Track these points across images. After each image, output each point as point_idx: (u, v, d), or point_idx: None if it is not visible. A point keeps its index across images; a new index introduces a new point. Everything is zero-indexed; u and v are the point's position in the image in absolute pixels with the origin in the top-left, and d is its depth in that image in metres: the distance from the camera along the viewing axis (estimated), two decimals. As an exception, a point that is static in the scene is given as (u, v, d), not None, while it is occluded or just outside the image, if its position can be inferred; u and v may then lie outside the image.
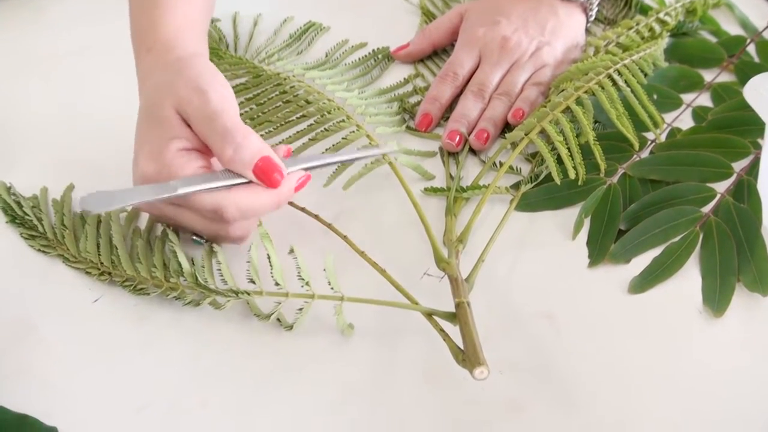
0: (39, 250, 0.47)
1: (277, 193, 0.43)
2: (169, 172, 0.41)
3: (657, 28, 0.66)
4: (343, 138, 0.53)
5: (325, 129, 0.54)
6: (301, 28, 0.70)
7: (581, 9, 0.66)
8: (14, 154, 0.56)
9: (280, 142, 0.55)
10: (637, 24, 0.65)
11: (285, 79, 0.59)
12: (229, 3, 0.73)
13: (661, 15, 0.66)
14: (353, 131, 0.53)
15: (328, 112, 0.54)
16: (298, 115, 0.55)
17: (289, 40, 0.68)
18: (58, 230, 0.48)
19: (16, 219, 0.49)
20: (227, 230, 0.44)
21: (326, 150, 0.53)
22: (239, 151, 0.41)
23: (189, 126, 0.43)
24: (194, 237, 0.46)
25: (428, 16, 0.73)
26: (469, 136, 0.57)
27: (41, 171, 0.54)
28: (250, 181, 0.42)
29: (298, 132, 0.55)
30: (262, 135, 0.53)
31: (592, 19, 0.67)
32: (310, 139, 0.54)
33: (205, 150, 0.44)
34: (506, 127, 0.59)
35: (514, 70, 0.61)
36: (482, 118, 0.59)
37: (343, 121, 0.54)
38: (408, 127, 0.59)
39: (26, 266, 0.47)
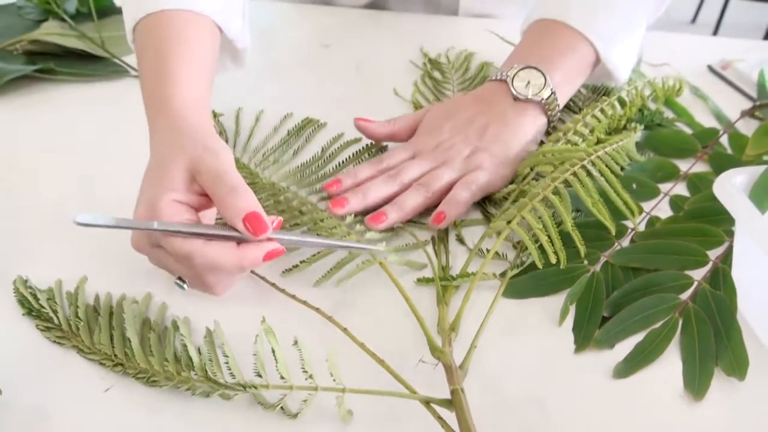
0: (54, 341, 0.50)
1: (243, 255, 0.47)
2: (157, 217, 0.47)
3: (618, 108, 0.69)
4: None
5: (317, 234, 0.57)
6: (298, 124, 0.74)
7: (539, 109, 0.66)
8: (29, 246, 0.58)
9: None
10: (601, 104, 0.68)
11: (279, 190, 0.62)
12: (235, 99, 0.77)
13: (622, 94, 0.70)
14: (344, 236, 0.56)
15: (321, 221, 0.57)
16: (291, 224, 0.58)
17: (287, 137, 0.72)
18: (72, 322, 0.50)
19: (32, 311, 0.51)
20: (202, 279, 0.49)
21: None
22: (238, 199, 0.47)
23: (192, 182, 0.49)
24: (177, 281, 0.50)
25: (419, 108, 0.77)
26: (357, 210, 0.59)
27: (56, 263, 0.56)
28: (223, 238, 0.47)
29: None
30: None
31: (557, 117, 0.67)
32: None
33: (195, 207, 0.49)
34: (488, 212, 0.62)
35: (441, 167, 0.62)
36: (391, 202, 0.59)
37: (335, 228, 0.57)
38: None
39: (42, 356, 0.49)
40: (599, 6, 0.69)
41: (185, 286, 0.50)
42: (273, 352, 0.44)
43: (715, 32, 3.13)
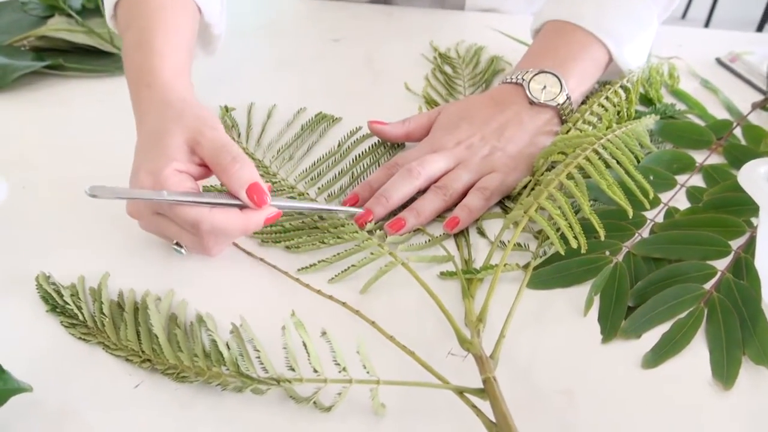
0: (79, 338, 0.49)
1: (247, 220, 0.51)
2: (163, 186, 0.50)
3: (623, 95, 0.69)
4: (356, 245, 0.56)
5: (338, 237, 0.57)
6: (312, 119, 0.73)
7: (554, 112, 0.66)
8: (47, 242, 0.58)
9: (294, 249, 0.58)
10: (607, 92, 0.68)
11: (299, 195, 0.62)
12: (247, 93, 0.77)
13: (624, 81, 0.70)
14: (366, 240, 0.56)
15: (342, 226, 0.57)
16: (311, 227, 0.58)
17: (301, 133, 0.71)
18: (97, 318, 0.50)
19: (56, 308, 0.51)
20: (203, 243, 0.51)
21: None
22: (242, 170, 0.50)
23: (192, 153, 0.52)
24: (175, 246, 0.53)
25: (430, 103, 0.77)
26: (383, 216, 0.58)
27: (75, 259, 0.56)
28: (229, 206, 0.50)
29: (310, 236, 0.58)
30: (276, 241, 0.58)
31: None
32: (321, 242, 0.57)
33: (195, 176, 0.52)
34: (506, 206, 0.62)
35: (459, 168, 0.61)
36: (409, 207, 0.59)
37: (356, 232, 0.57)
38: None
39: (67, 353, 0.48)
40: (610, 5, 0.70)
41: (183, 251, 0.53)
42: (304, 345, 0.44)
43: (706, 27, 3.15)
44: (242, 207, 0.51)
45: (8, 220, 0.59)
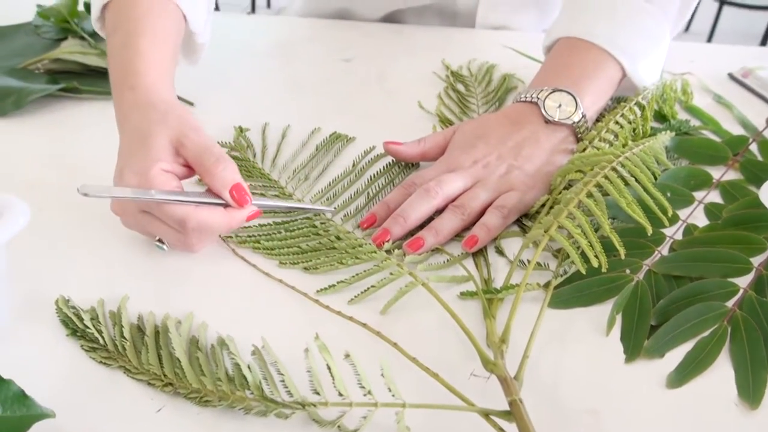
0: (100, 362, 0.49)
1: (231, 217, 0.54)
2: (149, 184, 0.52)
3: (638, 112, 0.69)
4: (375, 265, 0.56)
5: (356, 257, 0.57)
6: (326, 139, 0.73)
7: (570, 131, 0.66)
8: (64, 265, 0.57)
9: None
10: (622, 109, 0.68)
11: (315, 215, 0.62)
12: (260, 114, 0.77)
13: (639, 99, 0.70)
14: (384, 260, 0.56)
15: (360, 246, 0.57)
16: (329, 247, 0.58)
17: (316, 153, 0.71)
18: (118, 342, 0.50)
19: (77, 332, 0.51)
20: (187, 240, 0.54)
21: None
22: (225, 171, 0.53)
23: (176, 154, 0.54)
24: (157, 242, 0.56)
25: (444, 122, 0.77)
26: (401, 236, 0.58)
27: (92, 282, 0.56)
28: (213, 204, 0.54)
29: (328, 257, 0.58)
30: (294, 262, 0.58)
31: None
32: (339, 263, 0.57)
33: (179, 175, 0.55)
34: (524, 224, 0.61)
35: (477, 187, 0.61)
36: (427, 226, 0.59)
37: (375, 252, 0.56)
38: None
39: (88, 378, 0.48)
40: (623, 22, 0.70)
41: (165, 247, 0.56)
42: (329, 368, 0.44)
43: (709, 41, 3.15)
44: (225, 205, 0.54)
45: (25, 243, 0.59)
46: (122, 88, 0.59)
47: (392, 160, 0.69)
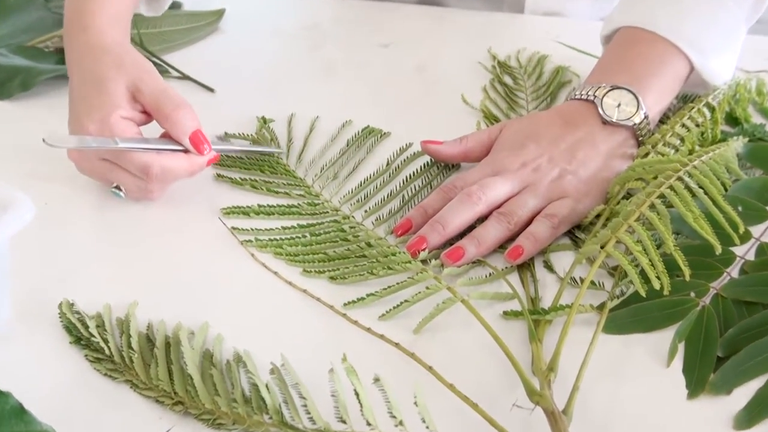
0: (105, 374, 0.49)
1: (193, 162, 0.59)
2: (110, 132, 0.56)
3: (708, 114, 0.67)
4: (409, 277, 0.54)
5: (388, 268, 0.56)
6: (358, 133, 0.72)
7: (630, 133, 0.64)
8: (70, 265, 0.57)
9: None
10: (690, 111, 0.66)
11: (344, 218, 0.62)
12: (286, 103, 0.76)
13: (709, 99, 0.68)
14: (420, 272, 0.54)
15: (393, 255, 0.56)
16: (358, 254, 0.58)
17: (346, 149, 0.70)
18: (125, 353, 0.49)
19: (81, 340, 0.50)
20: (148, 187, 0.58)
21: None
22: (185, 118, 0.58)
23: (133, 100, 0.59)
24: (114, 189, 0.60)
25: (489, 118, 0.76)
26: (439, 245, 0.57)
27: (100, 285, 0.56)
28: (174, 151, 0.58)
29: (357, 266, 0.57)
30: (319, 271, 0.58)
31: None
32: (369, 273, 0.56)
33: (137, 122, 0.59)
34: (576, 236, 0.60)
35: (525, 193, 0.60)
36: (469, 235, 0.58)
37: (409, 262, 0.55)
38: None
39: (92, 391, 0.48)
40: (692, 11, 0.68)
41: (122, 194, 0.60)
42: (356, 393, 0.43)
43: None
44: (185, 150, 0.59)
45: (27, 239, 0.59)
46: (74, 29, 0.62)
47: (430, 161, 0.68)
